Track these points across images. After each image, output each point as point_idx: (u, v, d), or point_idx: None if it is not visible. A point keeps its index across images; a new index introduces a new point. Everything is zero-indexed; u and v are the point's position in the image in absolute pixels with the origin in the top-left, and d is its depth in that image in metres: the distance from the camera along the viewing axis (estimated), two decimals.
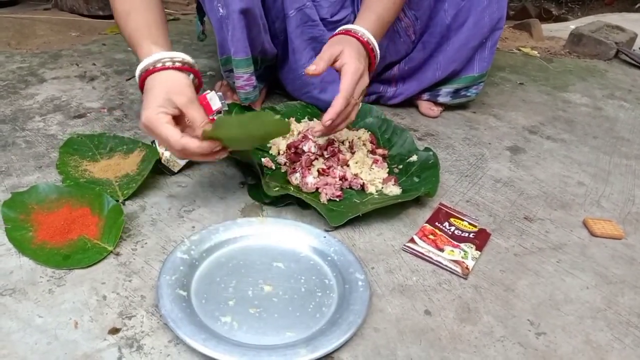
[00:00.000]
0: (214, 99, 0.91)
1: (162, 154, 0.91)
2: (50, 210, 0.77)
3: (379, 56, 0.94)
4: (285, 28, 1.14)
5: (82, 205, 0.78)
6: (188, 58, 0.79)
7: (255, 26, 1.04)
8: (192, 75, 0.78)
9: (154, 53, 0.77)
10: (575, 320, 0.70)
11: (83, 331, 0.60)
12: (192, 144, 0.71)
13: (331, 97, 1.16)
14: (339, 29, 0.93)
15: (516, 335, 0.66)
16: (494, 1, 1.14)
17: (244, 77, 1.08)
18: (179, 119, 0.74)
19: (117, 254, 0.72)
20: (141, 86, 0.78)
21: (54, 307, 0.63)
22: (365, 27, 0.92)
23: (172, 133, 0.71)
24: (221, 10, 0.99)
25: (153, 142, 0.96)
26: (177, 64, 0.76)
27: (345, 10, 1.15)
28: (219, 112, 0.90)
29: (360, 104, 0.92)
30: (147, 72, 0.76)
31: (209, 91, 0.93)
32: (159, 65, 0.76)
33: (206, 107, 0.90)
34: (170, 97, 0.72)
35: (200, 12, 1.20)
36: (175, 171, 0.92)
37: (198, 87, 0.81)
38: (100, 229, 0.74)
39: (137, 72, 0.78)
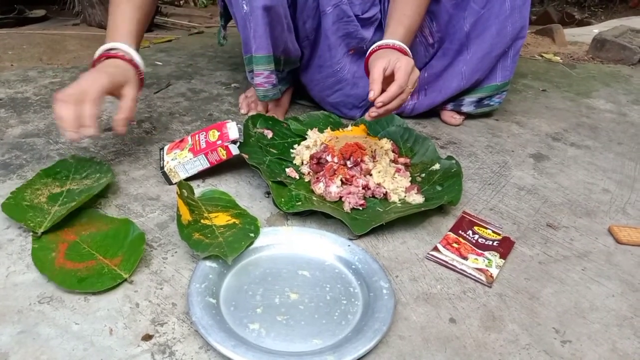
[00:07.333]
0: (233, 129, 0.94)
1: (168, 162, 0.94)
2: (76, 234, 0.77)
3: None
4: (317, 27, 1.17)
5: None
6: (139, 58, 0.95)
7: (279, 25, 1.06)
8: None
9: (122, 43, 0.94)
10: (601, 329, 0.69)
11: (117, 338, 0.62)
12: (89, 107, 0.82)
13: (363, 91, 1.19)
14: (374, 44, 0.98)
15: (541, 343, 0.66)
16: (516, 10, 1.15)
17: (264, 74, 1.10)
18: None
19: (131, 282, 0.71)
20: (96, 60, 0.94)
21: (90, 314, 0.65)
22: (397, 39, 0.98)
23: (96, 87, 0.84)
24: (245, 7, 1.02)
25: (162, 149, 0.99)
26: (134, 61, 0.93)
27: (375, 8, 1.19)
28: (234, 142, 0.93)
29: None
30: (110, 55, 0.92)
31: (230, 120, 0.96)
32: (120, 54, 0.92)
33: (223, 134, 0.93)
34: (119, 79, 0.89)
35: (224, 16, 1.23)
36: (173, 182, 0.94)
37: (139, 85, 0.97)
38: (120, 255, 0.74)
39: (100, 50, 0.94)
